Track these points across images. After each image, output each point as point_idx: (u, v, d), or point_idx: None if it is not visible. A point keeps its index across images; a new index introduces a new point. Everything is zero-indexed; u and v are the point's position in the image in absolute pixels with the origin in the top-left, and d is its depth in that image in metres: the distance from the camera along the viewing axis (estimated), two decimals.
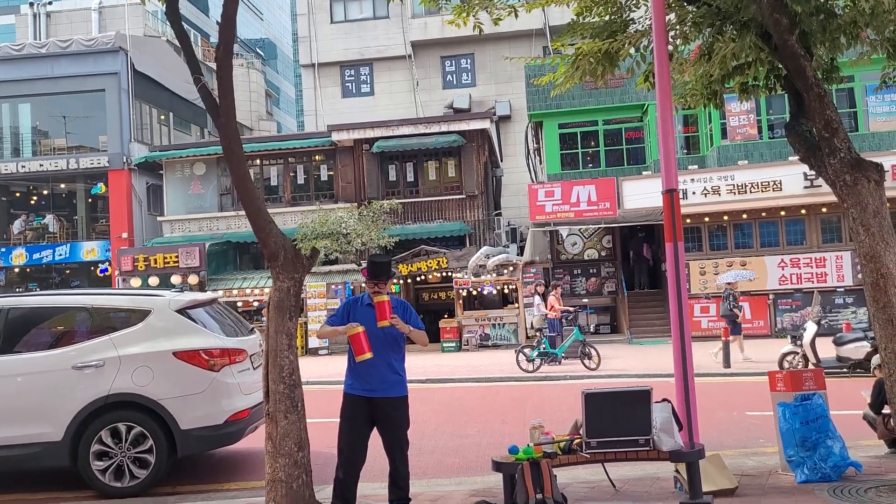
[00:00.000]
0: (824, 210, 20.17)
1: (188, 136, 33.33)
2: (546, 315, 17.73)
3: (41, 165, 28.06)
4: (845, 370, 12.31)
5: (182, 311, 7.16)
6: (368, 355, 5.29)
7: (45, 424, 6.69)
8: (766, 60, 6.30)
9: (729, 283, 16.09)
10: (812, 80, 5.84)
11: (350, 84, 32.48)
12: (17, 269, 28.52)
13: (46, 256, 28.13)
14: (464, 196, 24.76)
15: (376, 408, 5.38)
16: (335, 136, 25.02)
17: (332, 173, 25.99)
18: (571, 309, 19.11)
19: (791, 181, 19.73)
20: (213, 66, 5.93)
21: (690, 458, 5.35)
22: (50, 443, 6.67)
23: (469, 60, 31.91)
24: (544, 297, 18.63)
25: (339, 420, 5.44)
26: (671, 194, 6.09)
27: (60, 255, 28.13)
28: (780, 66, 6.29)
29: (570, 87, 7.36)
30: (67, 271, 29.07)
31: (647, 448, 5.26)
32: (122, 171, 27.71)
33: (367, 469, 5.54)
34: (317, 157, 26.28)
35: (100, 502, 6.57)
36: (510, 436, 7.84)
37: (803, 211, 20.31)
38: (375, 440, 5.51)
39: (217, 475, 7.60)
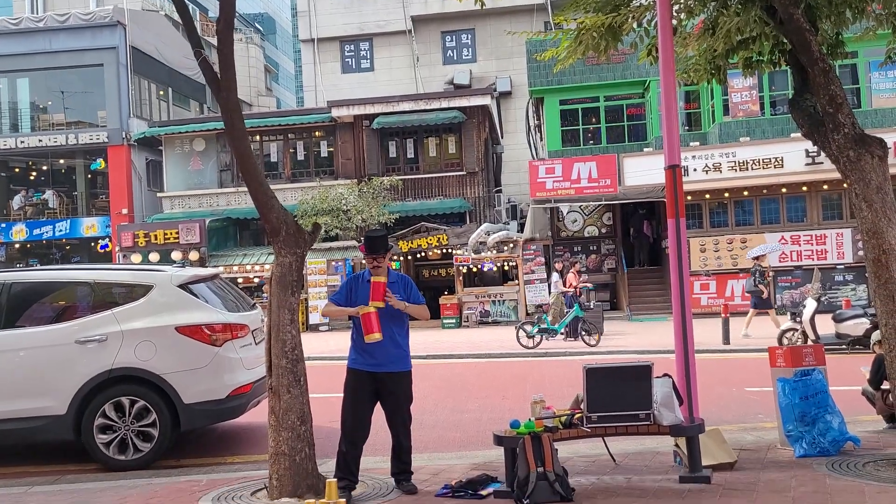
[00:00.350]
0: (825, 187, 20.14)
1: (187, 111, 33.17)
2: (564, 291, 17.56)
3: (40, 141, 27.96)
4: (844, 347, 12.36)
5: (184, 287, 7.18)
6: (378, 336, 5.31)
7: (49, 398, 6.73)
8: (770, 35, 6.25)
9: (756, 259, 15.86)
10: (817, 54, 5.79)
11: (350, 59, 32.27)
12: (17, 245, 28.52)
13: (47, 232, 28.12)
14: (464, 173, 24.70)
15: (380, 382, 5.42)
16: (335, 112, 24.90)
17: (332, 150, 25.90)
18: (590, 285, 19.00)
19: (793, 158, 19.68)
20: (213, 40, 5.88)
21: (690, 432, 5.40)
22: (54, 416, 6.72)
23: (470, 36, 31.68)
24: (562, 273, 18.42)
25: (342, 395, 5.48)
26: (674, 170, 6.08)
27: (61, 230, 28.12)
28: (785, 40, 6.24)
29: (572, 62, 7.31)
30: (68, 247, 29.08)
31: (648, 423, 5.29)
32: (122, 146, 27.61)
33: (369, 443, 5.59)
34: (317, 134, 26.18)
35: (104, 475, 6.62)
36: (511, 411, 7.89)
37: (804, 188, 20.27)
38: (378, 415, 5.56)
39: (220, 449, 7.67)
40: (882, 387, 6.69)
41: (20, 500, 5.81)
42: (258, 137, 25.54)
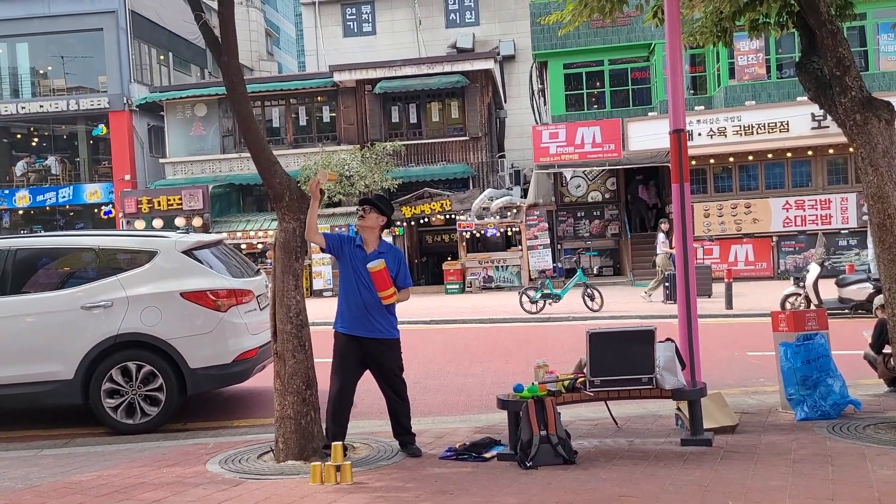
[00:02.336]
0: (831, 151, 20.02)
1: (188, 76, 32.92)
2: (670, 253, 16.59)
3: (41, 106, 27.82)
4: (847, 311, 12.40)
5: (188, 253, 7.19)
6: (393, 297, 5.30)
7: (56, 363, 6.80)
8: None
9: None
10: (825, 16, 5.72)
11: (351, 23, 31.87)
12: (20, 212, 28.55)
13: (50, 198, 28.12)
14: (467, 138, 24.56)
15: (366, 350, 5.40)
16: (337, 77, 24.69)
17: (334, 115, 25.74)
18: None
19: (798, 122, 19.54)
20: (213, 3, 5.82)
21: (692, 395, 5.44)
22: (62, 381, 6.80)
23: None
24: (668, 234, 17.10)
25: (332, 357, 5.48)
26: (678, 134, 6.04)
27: (64, 197, 28.12)
28: (793, 1, 6.15)
29: (577, 24, 7.23)
30: (71, 213, 29.10)
31: (650, 386, 5.33)
32: (123, 112, 27.47)
33: (373, 407, 5.65)
34: (319, 99, 26.00)
35: (112, 438, 6.71)
36: (514, 375, 7.95)
37: (810, 152, 20.15)
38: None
39: (226, 413, 7.75)
40: (884, 351, 6.72)
41: (31, 462, 5.90)
42: (260, 103, 25.36)
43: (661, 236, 17.27)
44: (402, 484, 4.78)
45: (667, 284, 15.58)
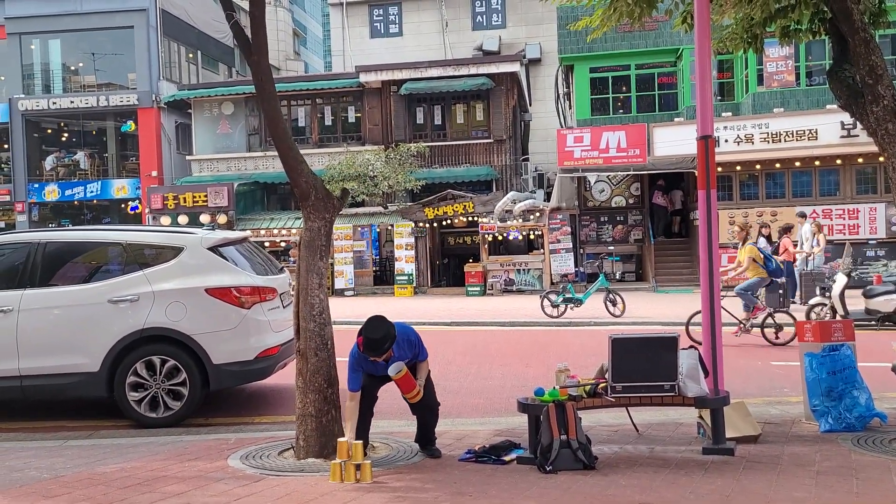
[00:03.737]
0: (860, 160, 19.74)
1: (216, 75, 33.23)
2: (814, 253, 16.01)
3: (71, 102, 28.23)
4: (874, 323, 12.21)
5: (214, 249, 7.26)
6: (419, 395, 5.31)
7: (82, 355, 6.89)
8: (810, 3, 6.10)
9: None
10: (858, 23, 5.65)
11: (378, 24, 32.01)
12: (49, 206, 28.98)
13: (78, 193, 28.52)
14: (491, 140, 24.55)
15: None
16: (363, 78, 24.79)
17: (359, 115, 25.85)
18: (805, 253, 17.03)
19: (827, 130, 19.30)
20: (243, 3, 5.87)
21: (715, 404, 5.40)
22: (88, 373, 6.89)
23: (499, 1, 31.24)
24: (769, 238, 16.25)
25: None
26: (706, 140, 5.99)
27: (92, 192, 28.51)
28: (825, 8, 6.09)
29: (606, 30, 7.20)
30: (98, 208, 29.48)
31: (673, 394, 5.30)
32: (151, 109, 27.80)
33: (394, 408, 5.66)
34: (344, 99, 26.12)
35: (136, 431, 6.80)
36: (534, 379, 7.92)
37: (839, 161, 19.89)
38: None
39: (248, 409, 7.81)
40: None
41: (56, 452, 5.99)
42: (286, 102, 25.53)
43: (762, 241, 15.81)
44: (422, 485, 4.79)
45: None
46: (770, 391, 7.93)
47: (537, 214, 22.08)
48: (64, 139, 30.45)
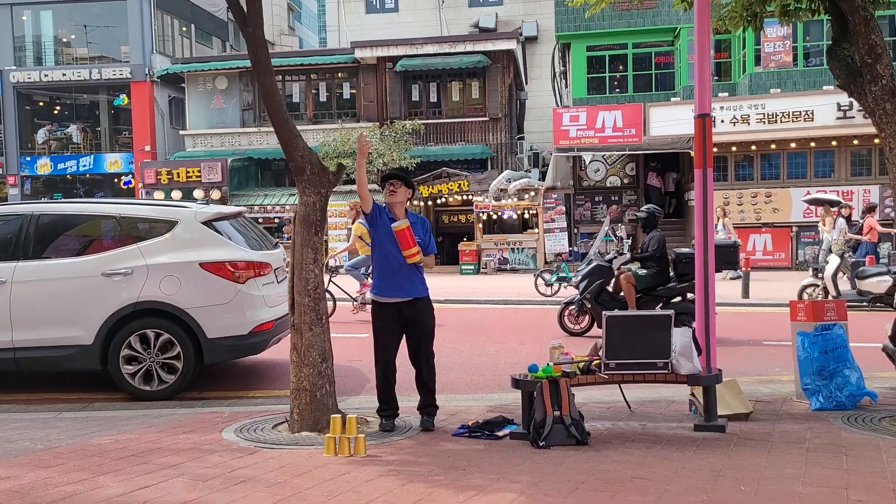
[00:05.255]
0: (856, 142, 19.76)
1: (210, 49, 32.93)
2: (852, 239, 15.56)
3: (64, 75, 27.96)
4: (865, 304, 12.29)
5: (208, 224, 7.24)
6: (416, 251, 5.39)
7: (76, 328, 6.88)
8: None
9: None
10: (858, 1, 5.62)
11: None
12: (42, 179, 28.81)
13: (71, 167, 28.34)
14: (487, 119, 24.45)
15: (403, 313, 5.50)
16: (358, 54, 24.61)
17: (354, 91, 25.69)
18: (892, 232, 17.04)
19: (823, 111, 19.29)
20: None
21: (707, 381, 5.43)
22: (82, 346, 6.88)
23: None
24: (849, 219, 15.84)
25: (371, 330, 5.59)
26: (703, 119, 5.97)
27: (84, 165, 28.33)
28: None
29: (604, 6, 7.15)
30: (91, 182, 29.32)
31: (666, 371, 5.33)
32: (145, 82, 27.56)
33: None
34: (339, 75, 25.93)
35: (130, 404, 6.81)
36: (528, 356, 7.96)
37: (834, 142, 19.90)
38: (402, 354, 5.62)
39: (242, 383, 7.83)
40: None
41: (51, 424, 6.00)
42: (280, 77, 25.32)
43: (840, 221, 15.39)
44: (415, 458, 4.82)
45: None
46: (762, 370, 7.98)
47: (532, 194, 22.06)
48: (56, 112, 30.19)
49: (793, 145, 20.12)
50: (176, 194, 23.04)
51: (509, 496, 4.01)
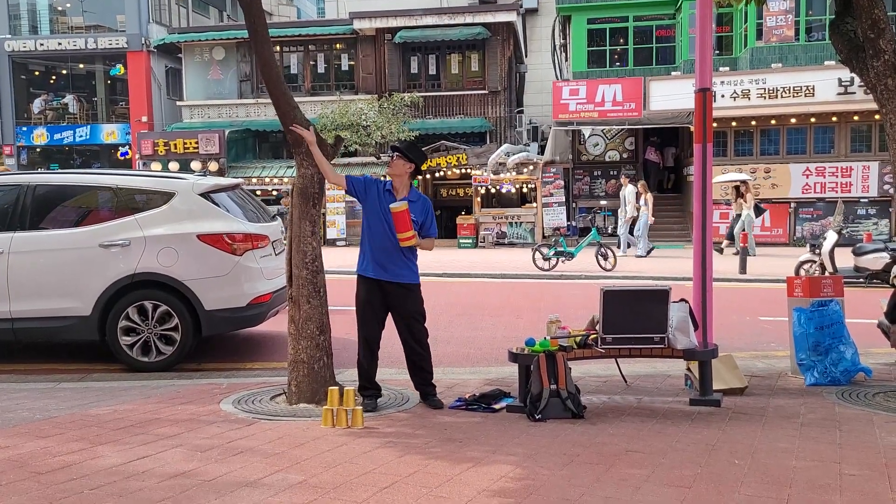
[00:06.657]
0: (856, 118, 19.68)
1: (207, 18, 32.60)
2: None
3: (59, 44, 27.70)
4: (862, 281, 12.32)
5: (206, 195, 7.21)
6: (411, 235, 5.24)
7: (74, 299, 6.89)
8: None
9: None
10: None
11: None
12: (38, 150, 28.66)
13: (67, 137, 28.18)
14: (486, 92, 24.30)
15: (388, 293, 5.39)
16: (357, 25, 24.38)
17: (352, 63, 25.50)
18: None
19: (824, 87, 19.19)
20: None
21: (703, 356, 5.46)
22: (80, 317, 6.89)
23: None
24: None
25: (354, 306, 5.52)
26: (704, 93, 5.94)
27: (81, 136, 28.17)
28: None
29: None
30: (88, 153, 29.18)
31: (662, 346, 5.34)
32: (141, 52, 27.33)
33: (384, 354, 5.70)
34: (338, 46, 25.71)
35: (128, 375, 6.83)
36: (525, 330, 7.99)
37: (834, 118, 19.82)
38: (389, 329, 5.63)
39: (240, 355, 7.86)
40: None
41: (49, 394, 6.02)
42: (278, 48, 25.10)
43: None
44: (412, 430, 4.85)
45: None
46: (758, 345, 8.02)
47: (531, 168, 21.99)
48: (52, 82, 29.96)
49: (793, 121, 20.04)
50: (173, 166, 22.93)
51: (505, 468, 4.04)
